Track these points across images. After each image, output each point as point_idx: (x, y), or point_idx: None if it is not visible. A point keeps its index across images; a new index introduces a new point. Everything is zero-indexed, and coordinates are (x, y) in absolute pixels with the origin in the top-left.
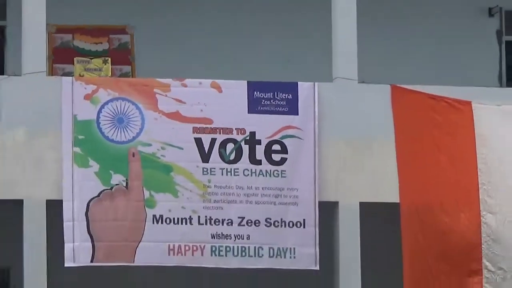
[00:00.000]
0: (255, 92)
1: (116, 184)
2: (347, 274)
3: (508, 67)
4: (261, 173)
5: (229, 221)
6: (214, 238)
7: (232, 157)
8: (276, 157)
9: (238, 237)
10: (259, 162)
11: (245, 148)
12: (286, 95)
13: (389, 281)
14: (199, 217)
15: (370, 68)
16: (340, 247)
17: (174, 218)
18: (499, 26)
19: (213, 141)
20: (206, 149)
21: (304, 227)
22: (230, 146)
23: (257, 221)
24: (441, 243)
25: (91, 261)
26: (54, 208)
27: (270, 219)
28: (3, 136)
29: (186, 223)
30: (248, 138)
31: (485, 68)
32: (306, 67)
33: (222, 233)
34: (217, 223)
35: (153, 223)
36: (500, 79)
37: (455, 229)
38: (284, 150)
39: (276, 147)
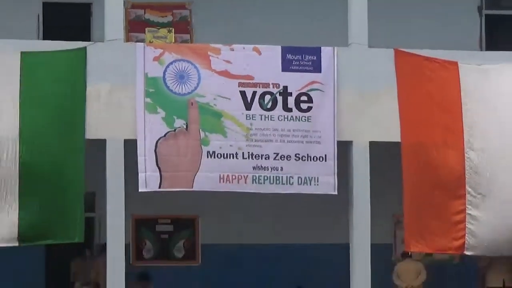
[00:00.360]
0: (287, 55)
1: (179, 127)
2: (359, 197)
3: (487, 35)
4: (291, 118)
5: (267, 156)
6: (255, 169)
7: (269, 106)
8: (303, 105)
9: (274, 168)
10: (290, 110)
11: (279, 99)
12: (312, 57)
13: (392, 203)
14: (243, 153)
15: (377, 35)
16: (354, 177)
17: (223, 154)
18: (480, 2)
19: (254, 93)
20: (249, 99)
21: (325, 160)
22: (267, 97)
23: (288, 156)
24: (433, 173)
25: (159, 187)
26: (130, 146)
27: (299, 154)
28: (92, 89)
29: (233, 158)
30: (281, 91)
31: (469, 36)
32: (328, 33)
33: (261, 165)
34: (257, 158)
35: (207, 157)
36: (481, 45)
37: (444, 163)
38: (310, 100)
39: (304, 98)
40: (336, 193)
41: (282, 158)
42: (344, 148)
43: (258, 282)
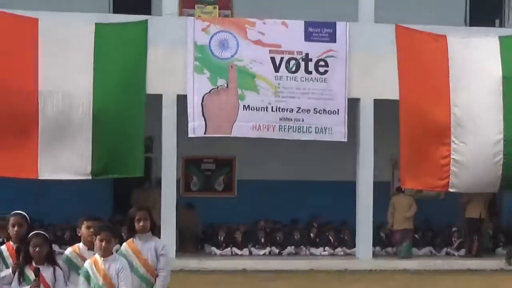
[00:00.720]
0: (309, 28)
1: (221, 85)
2: (364, 144)
3: (471, 14)
4: (311, 79)
5: (291, 109)
6: (281, 120)
7: (293, 69)
8: (321, 69)
9: (296, 120)
10: (310, 73)
11: (302, 64)
12: (329, 30)
13: (391, 149)
14: (272, 107)
15: (382, 12)
16: (360, 127)
17: (256, 107)
18: None
19: (281, 59)
20: (277, 64)
21: (337, 114)
22: (292, 62)
23: (308, 110)
24: (425, 125)
25: (204, 133)
26: (181, 100)
27: (316, 108)
28: (151, 54)
29: (263, 110)
30: (304, 57)
31: (456, 14)
32: (342, 10)
33: (286, 117)
34: (283, 111)
35: (243, 110)
36: (466, 21)
37: (434, 117)
38: (326, 65)
39: (321, 63)
40: (345, 140)
41: (303, 112)
42: (353, 104)
43: (282, 211)
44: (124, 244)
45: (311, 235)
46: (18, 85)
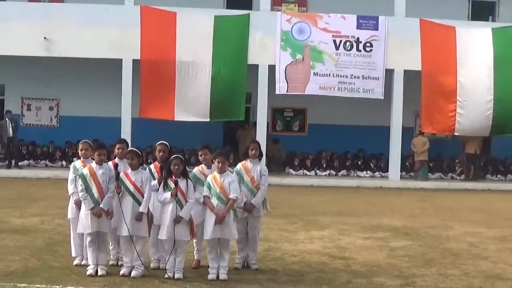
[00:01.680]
0: (360, 20)
1: (298, 58)
2: (396, 100)
3: (472, 12)
4: (361, 55)
5: (346, 76)
6: (339, 83)
7: (348, 48)
8: (368, 48)
9: (350, 83)
10: (360, 51)
11: (354, 44)
12: (373, 21)
13: (414, 104)
14: (333, 74)
15: (411, 8)
16: (394, 89)
17: (322, 74)
18: None
19: (340, 41)
20: (337, 44)
21: (378, 80)
22: (348, 43)
23: (358, 76)
24: (439, 88)
25: (286, 91)
26: (271, 68)
27: (364, 75)
28: (252, 37)
29: (327, 76)
30: (356, 40)
31: (462, 12)
32: (383, 7)
33: (343, 81)
34: (341, 77)
35: (313, 76)
36: (468, 17)
37: (445, 82)
38: (371, 45)
39: (368, 44)
40: (383, 98)
41: (355, 77)
42: (389, 73)
43: (338, 145)
44: (239, 164)
45: (358, 162)
46: (163, 57)
